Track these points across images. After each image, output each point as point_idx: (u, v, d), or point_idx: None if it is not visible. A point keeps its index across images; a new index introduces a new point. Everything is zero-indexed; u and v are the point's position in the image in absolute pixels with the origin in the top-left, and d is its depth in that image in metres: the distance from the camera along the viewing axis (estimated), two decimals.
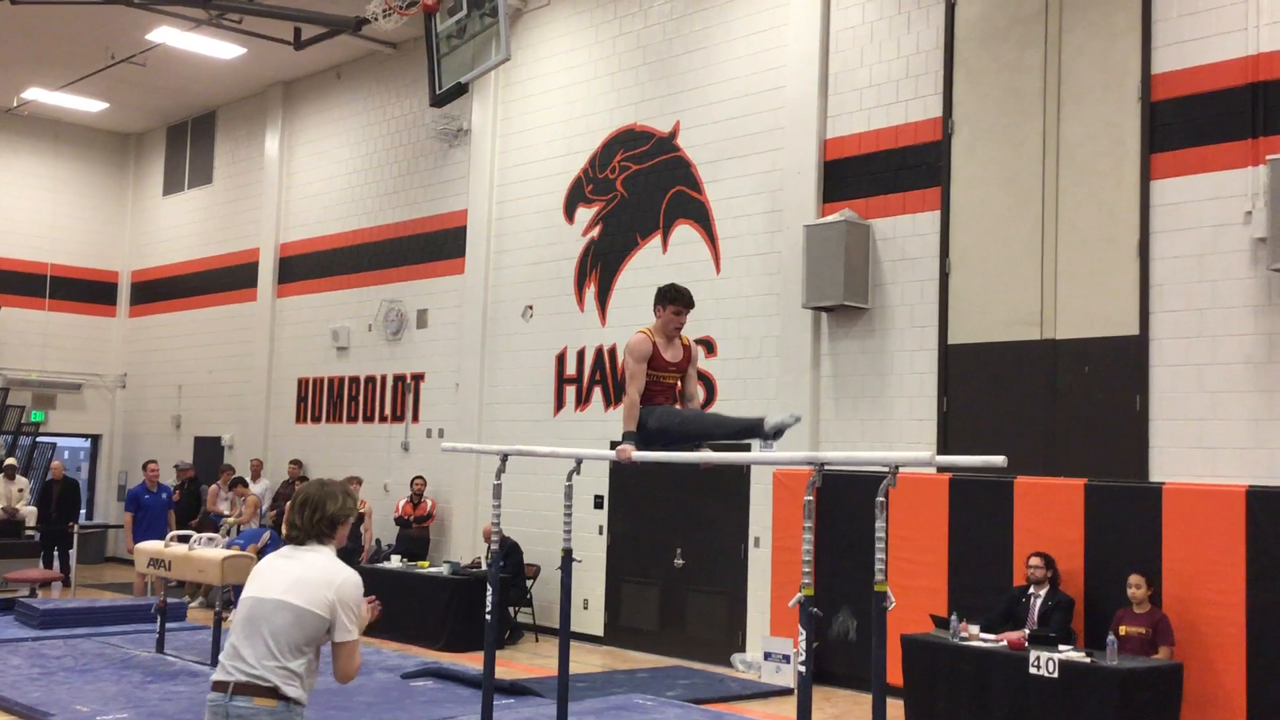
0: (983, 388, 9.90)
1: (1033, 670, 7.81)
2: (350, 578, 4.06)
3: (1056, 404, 9.46)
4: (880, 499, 5.40)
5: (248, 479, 15.54)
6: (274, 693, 3.93)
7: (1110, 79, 9.28)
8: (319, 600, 3.98)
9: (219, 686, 4.00)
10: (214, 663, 10.01)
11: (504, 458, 7.26)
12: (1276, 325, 8.37)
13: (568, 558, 7.12)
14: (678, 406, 6.59)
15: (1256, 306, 8.45)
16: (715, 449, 6.66)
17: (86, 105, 18.51)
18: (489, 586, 7.14)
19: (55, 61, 16.62)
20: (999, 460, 5.17)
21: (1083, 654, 7.90)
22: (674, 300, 6.57)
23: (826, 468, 5.72)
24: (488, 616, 7.19)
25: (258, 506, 14.95)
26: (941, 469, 9.61)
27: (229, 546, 11.48)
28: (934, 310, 10.17)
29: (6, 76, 17.46)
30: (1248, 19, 8.60)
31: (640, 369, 6.42)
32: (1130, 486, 8.83)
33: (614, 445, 6.52)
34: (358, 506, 13.29)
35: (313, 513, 4.13)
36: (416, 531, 13.97)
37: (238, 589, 12.52)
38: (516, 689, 9.16)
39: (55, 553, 15.92)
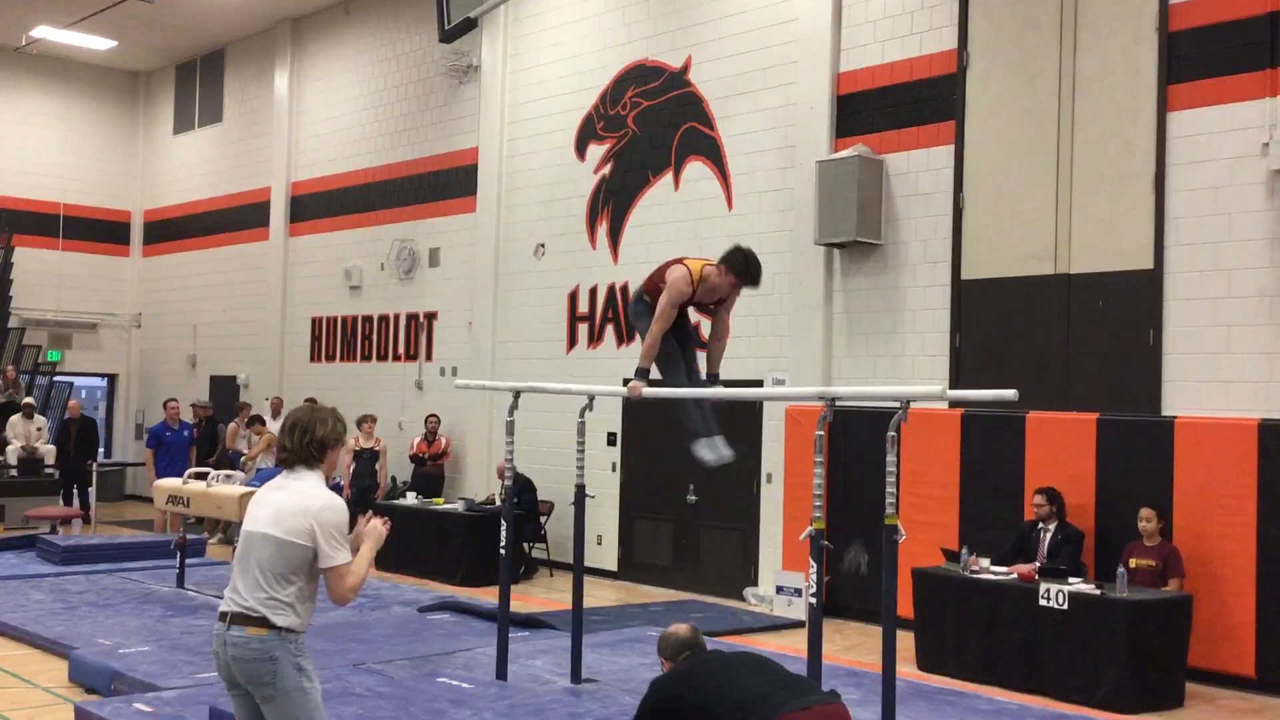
0: (996, 323, 9.88)
1: (1042, 602, 7.88)
2: (329, 503, 4.11)
3: (1070, 339, 9.44)
4: (891, 434, 5.44)
5: (266, 417, 15.64)
6: (264, 622, 4.03)
7: (1128, 9, 9.15)
8: (299, 529, 4.05)
9: (220, 617, 4.14)
10: None
11: (517, 394, 7.30)
12: None
13: (581, 493, 7.18)
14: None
15: (1272, 239, 8.39)
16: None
17: (95, 43, 18.40)
18: (503, 522, 7.21)
19: None
20: (1010, 394, 5.19)
21: (1092, 586, 7.96)
22: (741, 275, 6.31)
23: (838, 403, 5.74)
24: (502, 551, 7.27)
25: (271, 444, 15.03)
26: (953, 404, 9.65)
27: (248, 485, 11.60)
28: (947, 246, 10.12)
29: (14, 15, 17.35)
30: None
31: (672, 311, 6.36)
32: (1142, 420, 8.83)
33: (626, 382, 6.54)
34: (373, 444, 13.29)
35: (302, 435, 4.18)
36: (431, 469, 14.08)
37: None
38: (532, 622, 9.28)
39: (75, 491, 16.11)
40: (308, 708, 4.06)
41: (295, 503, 4.08)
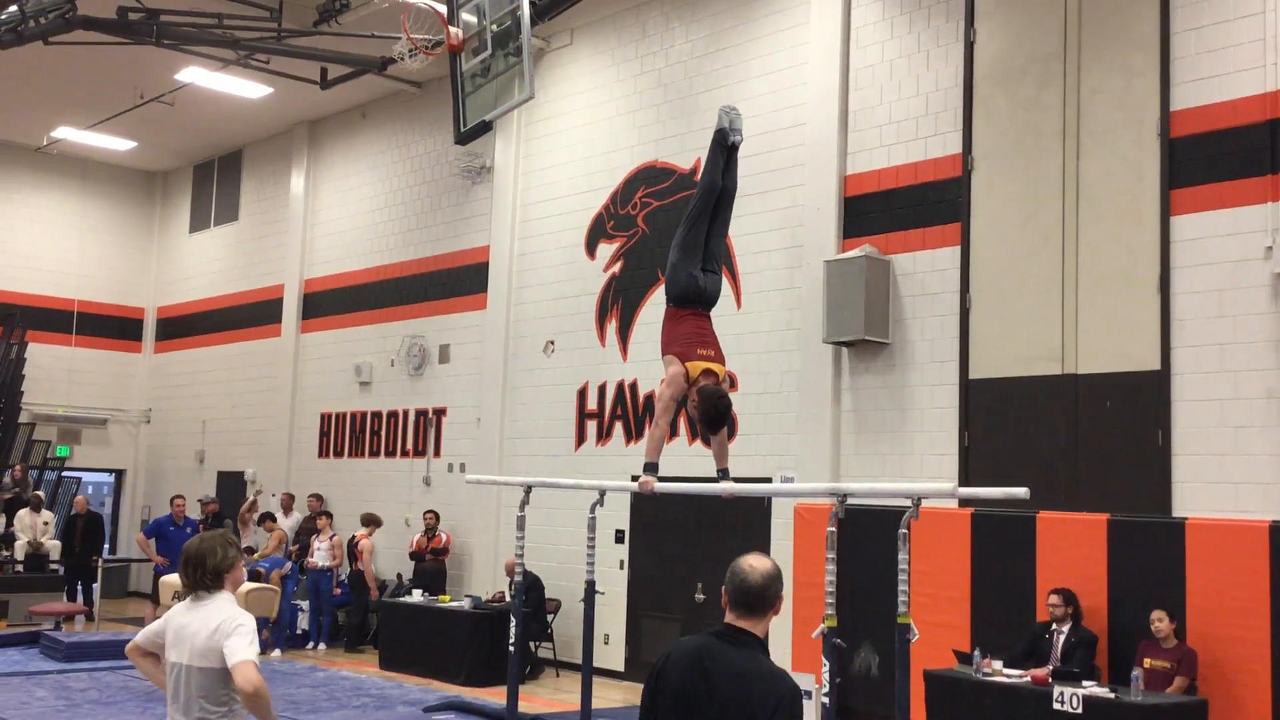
0: (1004, 423, 9.91)
1: (1056, 706, 7.77)
2: (234, 616, 4.24)
3: (1078, 439, 9.46)
4: (903, 531, 5.45)
5: (278, 514, 15.62)
6: None
7: (1129, 116, 9.35)
8: (214, 652, 4.18)
9: None
10: None
11: (528, 489, 7.33)
12: None
13: (591, 588, 7.16)
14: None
15: (1278, 341, 8.46)
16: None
17: (115, 144, 18.79)
18: (512, 618, 7.17)
19: (84, 101, 16.90)
20: (1021, 492, 5.22)
21: (1107, 689, 7.86)
22: (702, 417, 6.38)
23: (849, 501, 5.76)
24: (511, 648, 7.23)
25: (282, 541, 14.99)
26: (963, 502, 9.64)
27: (253, 568, 11.55)
28: (955, 345, 10.20)
29: (36, 116, 17.75)
30: (1265, 56, 8.66)
31: (673, 403, 6.43)
32: (1153, 521, 8.81)
33: (635, 478, 6.56)
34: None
35: (195, 569, 4.35)
36: (431, 564, 14.01)
37: (259, 621, 12.61)
38: None
39: (79, 586, 16.01)
40: None
41: (206, 628, 4.22)
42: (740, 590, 3.40)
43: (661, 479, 6.63)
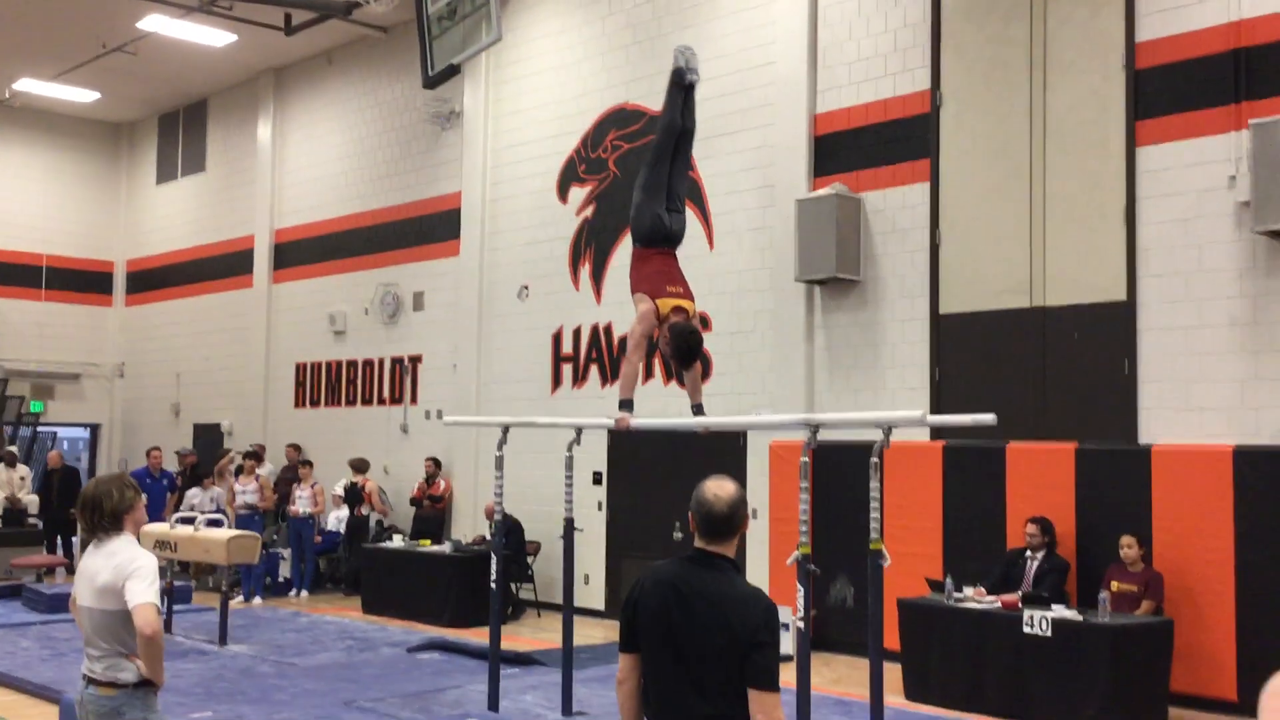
0: (974, 356, 10.04)
1: (1026, 630, 7.97)
2: (135, 558, 4.30)
3: (1047, 370, 9.60)
4: (874, 460, 5.55)
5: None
6: (112, 684, 4.29)
7: (1095, 48, 9.40)
8: (115, 593, 4.25)
9: (84, 678, 4.38)
10: (221, 641, 10.18)
11: (505, 429, 7.40)
12: (1261, 287, 8.51)
13: (569, 525, 7.26)
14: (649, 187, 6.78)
15: (1241, 269, 8.59)
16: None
17: (79, 95, 18.55)
18: (493, 555, 7.28)
19: (47, 51, 16.66)
20: (989, 418, 5.33)
21: (1075, 612, 8.06)
22: (674, 351, 6.51)
23: (821, 437, 5.86)
24: (493, 585, 7.34)
25: (266, 486, 15.00)
26: (935, 434, 9.80)
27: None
28: (925, 281, 10.30)
29: None
30: None
31: (644, 339, 6.51)
32: (1120, 450, 8.98)
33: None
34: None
35: (93, 513, 4.40)
36: (430, 511, 14.09)
37: (243, 568, 12.70)
38: (521, 659, 9.31)
39: (59, 540, 16.05)
40: None
41: (108, 569, 4.28)
42: (708, 519, 3.47)
43: (637, 418, 6.71)
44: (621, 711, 3.54)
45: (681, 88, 6.82)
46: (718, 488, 3.50)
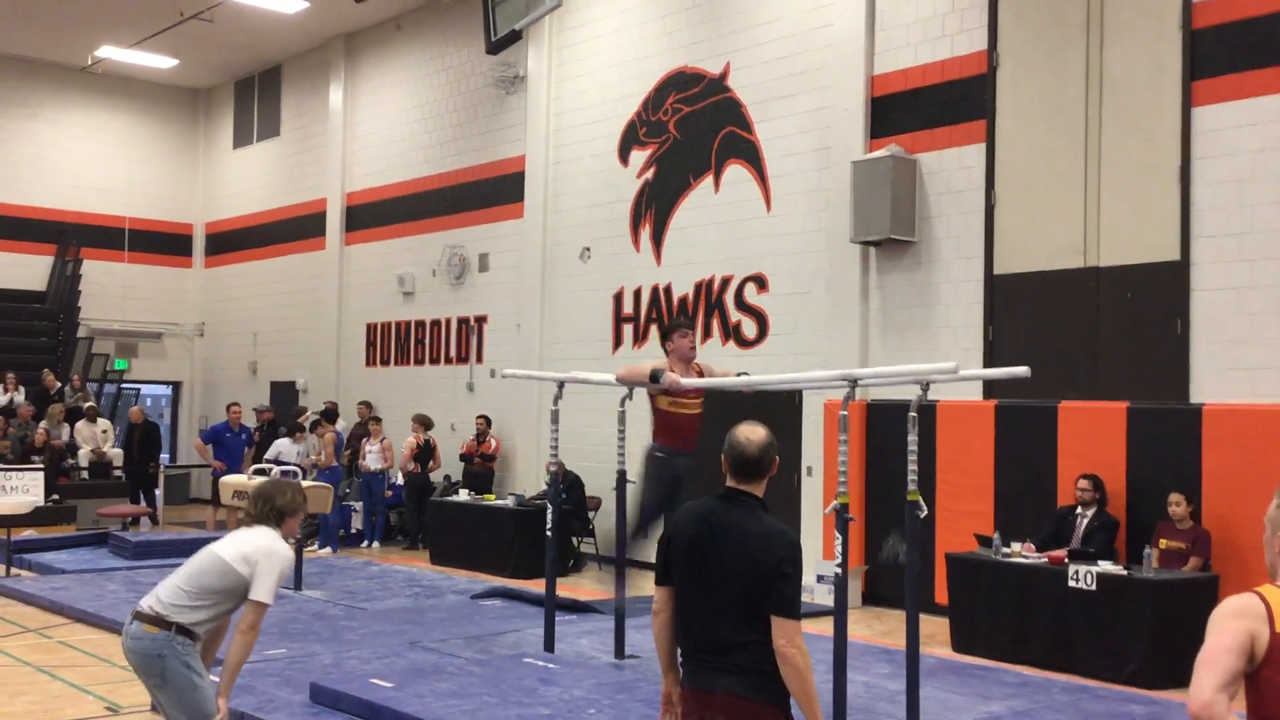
0: (1028, 316, 10.13)
1: (1071, 584, 8.12)
2: (278, 549, 4.62)
3: (1099, 330, 9.67)
4: (912, 414, 5.76)
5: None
6: (159, 620, 4.49)
7: (1151, 8, 9.39)
8: (244, 558, 4.55)
9: (131, 615, 4.63)
10: (297, 587, 10.65)
11: (560, 385, 7.70)
12: None
13: (622, 478, 7.54)
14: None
15: None
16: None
17: (157, 62, 19.10)
18: (549, 504, 7.59)
19: (126, 20, 17.19)
20: (1022, 371, 5.50)
21: (1120, 567, 8.19)
22: (674, 328, 7.27)
23: (874, 396, 6.07)
24: (549, 533, 7.65)
25: (333, 442, 15.51)
26: (986, 386, 9.93)
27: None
28: (980, 241, 10.38)
29: (79, 36, 18.08)
30: None
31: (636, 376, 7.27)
32: (1171, 408, 9.05)
33: (654, 377, 6.91)
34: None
35: (264, 504, 4.74)
36: (479, 468, 14.51)
37: (320, 520, 13.20)
38: (579, 606, 9.65)
39: (141, 493, 16.72)
40: (196, 698, 4.49)
41: (251, 542, 4.61)
42: (740, 460, 3.72)
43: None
44: (656, 639, 3.80)
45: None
46: (750, 432, 3.76)
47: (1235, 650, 2.41)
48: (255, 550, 4.55)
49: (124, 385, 20.36)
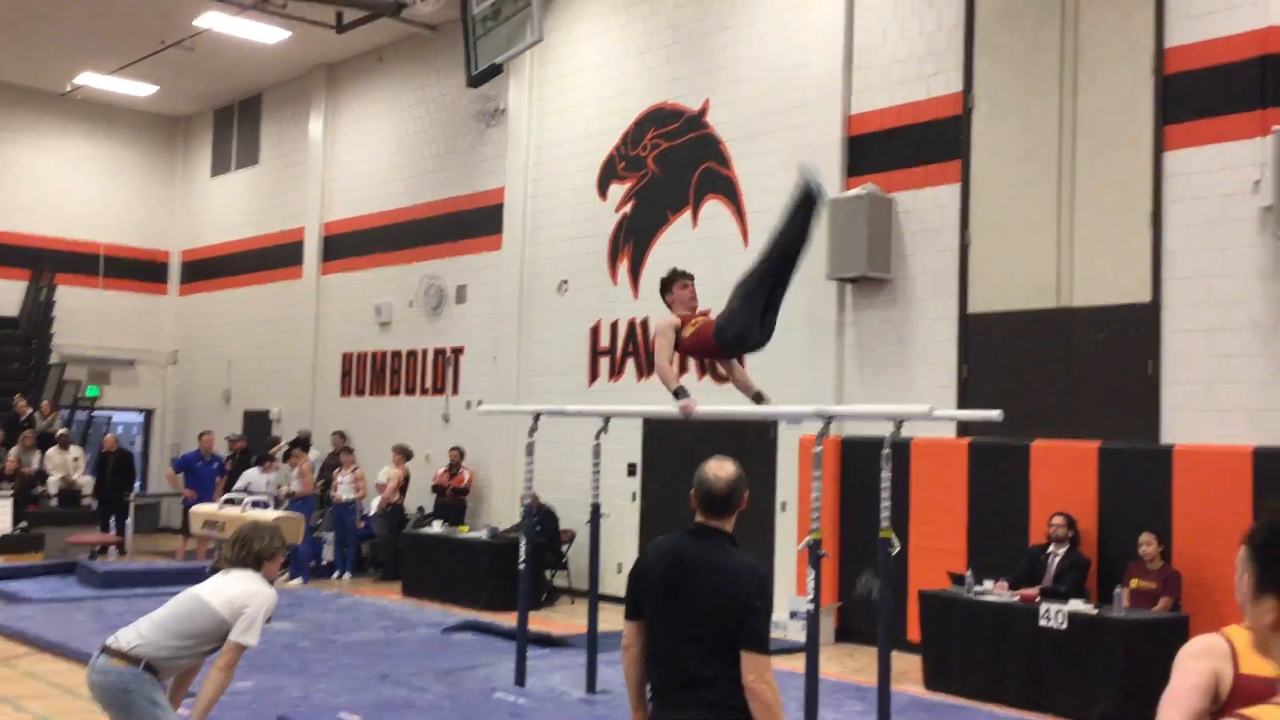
0: (1001, 355, 10.20)
1: (1043, 622, 8.14)
2: (261, 591, 4.65)
3: (1072, 369, 9.74)
4: (885, 451, 5.77)
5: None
6: (126, 656, 4.53)
7: (1125, 53, 9.53)
8: (225, 604, 4.60)
9: (100, 650, 4.64)
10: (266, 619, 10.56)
11: (536, 416, 7.69)
12: None
13: (596, 512, 7.53)
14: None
15: (1264, 273, 8.70)
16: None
17: (137, 89, 19.09)
18: (522, 536, 7.56)
19: (107, 47, 17.19)
20: (994, 414, 5.53)
21: (1090, 606, 8.21)
22: (673, 279, 6.83)
23: (850, 433, 6.08)
24: (521, 567, 7.62)
25: (309, 473, 15.41)
26: (960, 426, 9.99)
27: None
28: (954, 280, 10.47)
29: (60, 62, 18.06)
30: None
31: (667, 340, 6.66)
32: (1142, 449, 9.11)
33: (676, 394, 6.61)
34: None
35: (241, 549, 4.79)
36: (452, 499, 14.45)
37: (290, 549, 13.11)
38: (551, 641, 9.60)
39: (112, 521, 16.56)
40: None
41: (236, 586, 4.64)
42: (708, 496, 3.73)
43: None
44: (626, 674, 3.80)
45: (807, 208, 6.61)
46: (718, 468, 3.77)
47: (1199, 689, 2.42)
48: (240, 594, 4.59)
49: (95, 412, 20.19)
